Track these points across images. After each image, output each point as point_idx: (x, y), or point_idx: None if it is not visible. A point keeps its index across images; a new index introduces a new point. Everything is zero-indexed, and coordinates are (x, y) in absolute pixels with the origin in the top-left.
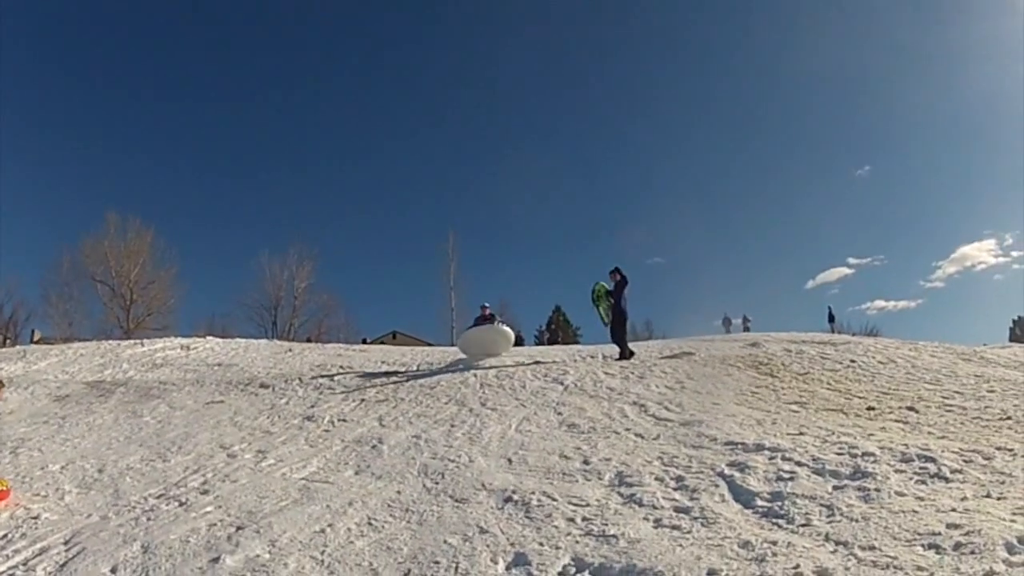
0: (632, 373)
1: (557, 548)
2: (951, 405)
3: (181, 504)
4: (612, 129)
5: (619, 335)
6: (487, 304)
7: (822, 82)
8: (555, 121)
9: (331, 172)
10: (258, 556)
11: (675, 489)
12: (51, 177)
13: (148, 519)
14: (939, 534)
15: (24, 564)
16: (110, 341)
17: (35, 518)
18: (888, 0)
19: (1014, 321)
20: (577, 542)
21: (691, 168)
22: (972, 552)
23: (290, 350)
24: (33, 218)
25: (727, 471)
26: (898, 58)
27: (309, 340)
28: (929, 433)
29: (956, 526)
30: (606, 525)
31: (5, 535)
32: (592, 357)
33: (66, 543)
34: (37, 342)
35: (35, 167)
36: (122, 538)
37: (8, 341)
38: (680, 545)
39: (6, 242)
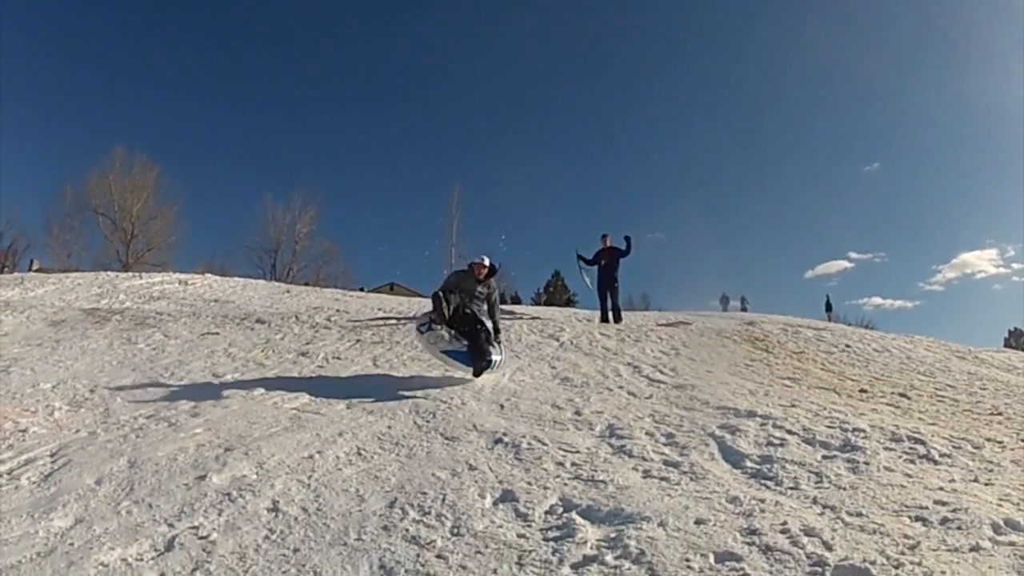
0: (628, 336)
1: (545, 488)
2: (943, 396)
3: (171, 425)
4: (624, 101)
5: (615, 299)
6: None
7: (837, 76)
8: (567, 87)
9: (339, 120)
10: (245, 476)
11: (665, 445)
12: (59, 109)
13: (137, 437)
14: (926, 508)
15: (8, 473)
16: (108, 272)
17: (23, 431)
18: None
19: (1010, 332)
20: (566, 484)
21: (700, 147)
22: (959, 527)
23: (288, 291)
24: (38, 149)
25: (718, 432)
26: (915, 59)
27: (307, 285)
28: (920, 419)
29: (943, 503)
30: (595, 471)
31: None
32: (588, 320)
33: (52, 455)
34: (36, 271)
35: (43, 99)
36: (109, 453)
37: (6, 269)
38: (668, 495)
39: (9, 172)
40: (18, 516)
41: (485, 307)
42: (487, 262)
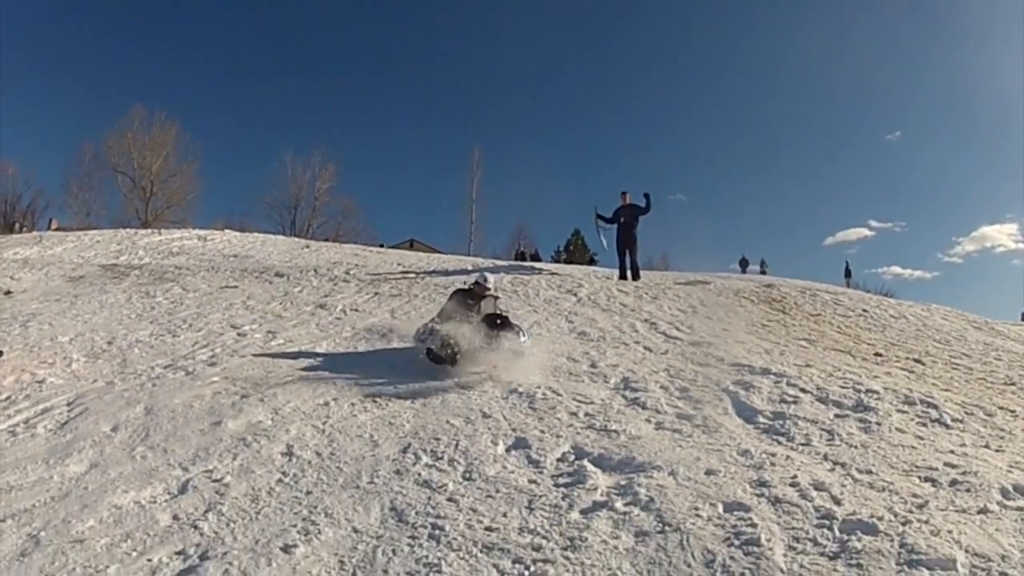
0: (646, 293)
1: (558, 437)
2: (957, 364)
3: (188, 374)
4: (649, 63)
5: (634, 257)
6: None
7: (860, 42)
8: (590, 48)
9: (359, 77)
10: (260, 422)
11: (679, 398)
12: (77, 68)
13: (153, 385)
14: (936, 469)
15: (25, 422)
16: (128, 230)
17: (40, 382)
18: None
19: None
20: (578, 433)
21: (724, 111)
22: (968, 490)
23: (307, 246)
24: (57, 109)
25: (732, 388)
26: (940, 28)
27: (327, 241)
28: (933, 384)
29: (953, 466)
30: (608, 422)
31: (8, 397)
32: (607, 277)
33: (69, 404)
34: (55, 231)
35: (61, 58)
36: (126, 401)
37: (25, 229)
38: (680, 446)
39: (27, 132)
40: (33, 463)
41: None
42: (491, 283)
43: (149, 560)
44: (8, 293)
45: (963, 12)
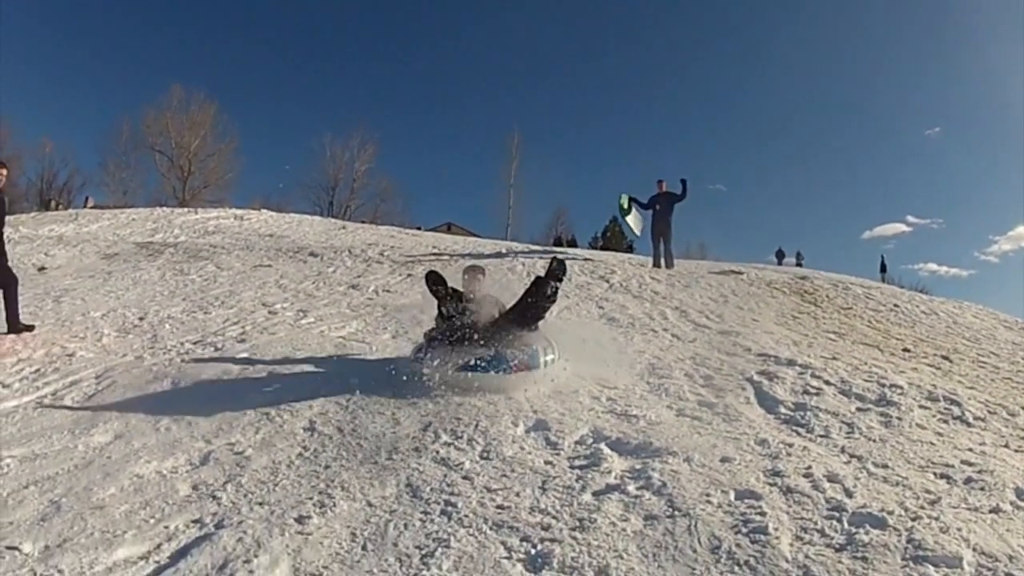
0: (678, 282)
1: (578, 420)
2: (985, 362)
3: (216, 349)
4: (691, 54)
5: (668, 245)
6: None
7: (902, 37)
8: (632, 34)
9: (401, 58)
10: (284, 397)
11: (702, 386)
12: (115, 47)
13: (182, 360)
14: (952, 467)
15: (53, 394)
16: (164, 208)
17: (70, 356)
18: None
19: None
20: (599, 417)
21: (764, 104)
22: (982, 488)
23: (343, 227)
24: (94, 87)
25: (756, 378)
26: (981, 23)
27: (364, 223)
28: (959, 381)
29: (970, 464)
30: (629, 407)
31: (38, 370)
32: (641, 264)
33: (97, 377)
34: (91, 208)
35: (99, 36)
36: (153, 375)
37: (61, 207)
38: (698, 433)
39: (65, 110)
40: (59, 432)
41: None
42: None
43: (166, 527)
44: (42, 269)
45: (1005, 8)
